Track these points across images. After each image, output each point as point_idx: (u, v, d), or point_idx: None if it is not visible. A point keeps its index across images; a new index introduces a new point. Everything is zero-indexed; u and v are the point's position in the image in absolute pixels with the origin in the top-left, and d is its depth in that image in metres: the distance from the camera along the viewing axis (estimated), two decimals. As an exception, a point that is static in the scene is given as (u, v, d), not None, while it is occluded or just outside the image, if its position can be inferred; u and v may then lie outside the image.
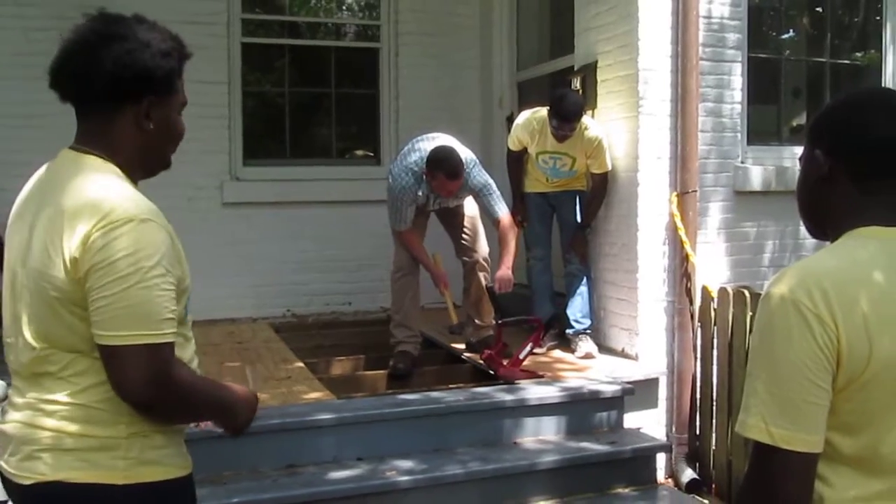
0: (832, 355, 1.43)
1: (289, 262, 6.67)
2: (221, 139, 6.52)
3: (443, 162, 4.67)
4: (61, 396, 1.72)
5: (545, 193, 5.34)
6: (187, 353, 1.85)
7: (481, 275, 5.17)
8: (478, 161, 5.00)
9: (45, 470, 1.72)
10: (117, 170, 1.80)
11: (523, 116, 5.21)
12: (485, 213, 5.03)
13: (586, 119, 5.02)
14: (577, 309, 5.12)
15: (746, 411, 1.49)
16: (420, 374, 5.01)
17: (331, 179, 6.77)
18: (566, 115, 4.84)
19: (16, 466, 1.76)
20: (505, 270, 4.88)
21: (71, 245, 1.67)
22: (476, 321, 5.26)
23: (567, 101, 4.89)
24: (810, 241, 5.48)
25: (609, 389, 4.42)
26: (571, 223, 5.25)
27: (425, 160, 4.76)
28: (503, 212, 4.98)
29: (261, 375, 4.74)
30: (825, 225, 1.62)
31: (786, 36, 5.98)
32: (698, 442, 5.04)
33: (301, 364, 5.03)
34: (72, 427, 1.71)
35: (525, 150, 5.26)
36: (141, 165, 1.88)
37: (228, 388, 1.96)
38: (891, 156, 1.54)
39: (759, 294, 4.51)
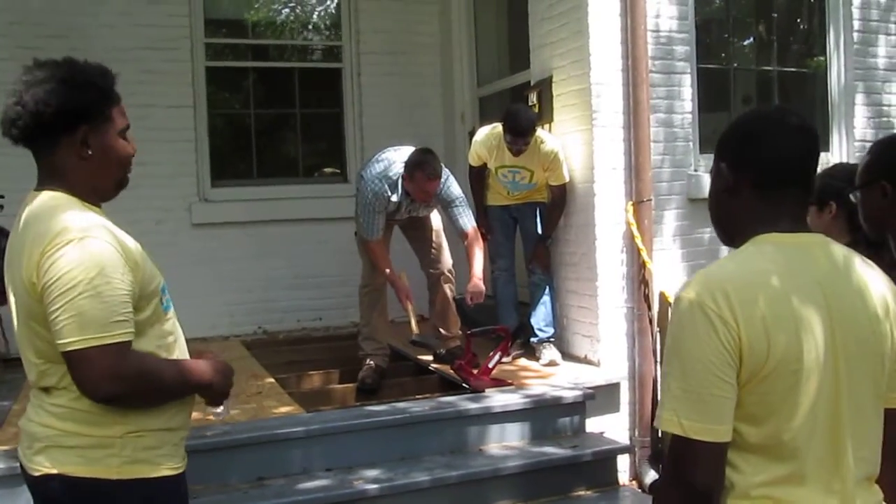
0: (735, 352, 1.58)
1: (259, 280, 6.76)
2: (189, 162, 6.62)
3: (423, 162, 4.76)
4: (63, 401, 1.95)
5: (507, 206, 5.49)
6: (173, 346, 2.11)
7: (446, 286, 5.29)
8: (450, 173, 5.14)
9: (48, 464, 1.96)
10: (70, 198, 1.99)
11: (482, 133, 5.37)
12: (453, 225, 5.12)
13: (542, 133, 5.19)
14: (540, 318, 5.26)
15: (661, 407, 1.63)
16: (388, 386, 5.12)
17: (298, 198, 6.89)
18: (519, 131, 4.99)
19: (28, 459, 2.01)
20: (477, 282, 4.99)
21: (29, 271, 1.89)
22: (443, 332, 5.38)
23: (519, 116, 5.04)
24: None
25: (571, 395, 4.55)
26: (533, 234, 5.39)
27: (403, 163, 4.84)
28: (472, 224, 5.12)
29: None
30: (733, 232, 1.78)
31: (734, 46, 6.17)
32: (660, 444, 5.19)
33: (272, 379, 5.13)
34: (72, 427, 1.95)
35: (485, 165, 5.41)
36: (94, 191, 2.06)
37: (195, 363, 2.15)
38: (784, 169, 1.70)
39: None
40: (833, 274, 1.67)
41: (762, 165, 1.70)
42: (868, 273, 1.72)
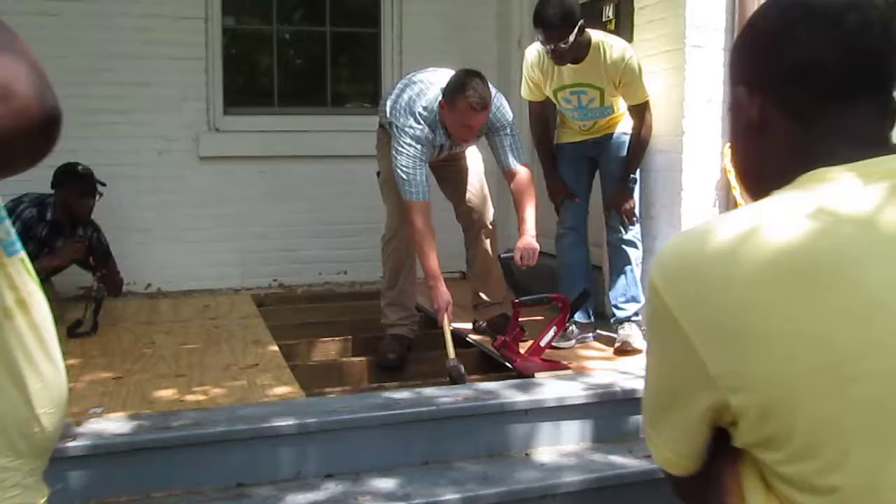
0: None
1: (276, 226, 5.85)
2: (198, 84, 5.68)
3: (467, 85, 3.71)
4: None
5: (581, 143, 4.29)
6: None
7: (488, 242, 4.29)
8: (499, 92, 4.07)
9: None
10: None
11: (531, 50, 4.18)
12: (497, 159, 4.06)
13: (604, 35, 4.02)
14: (619, 291, 4.16)
15: None
16: (415, 360, 4.18)
17: (325, 130, 5.92)
18: (548, 21, 3.75)
19: None
20: (528, 239, 3.94)
21: None
22: (484, 296, 4.40)
23: (548, 2, 3.78)
24: None
25: (646, 387, 3.54)
26: (613, 174, 4.18)
27: (443, 89, 3.83)
28: (522, 161, 4.05)
29: (221, 362, 3.93)
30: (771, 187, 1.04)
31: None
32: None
33: (275, 347, 4.21)
34: None
35: (547, 102, 4.27)
36: None
37: None
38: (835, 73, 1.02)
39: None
40: None
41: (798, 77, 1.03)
42: None
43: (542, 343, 3.75)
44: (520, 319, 3.87)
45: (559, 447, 3.37)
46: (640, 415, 3.56)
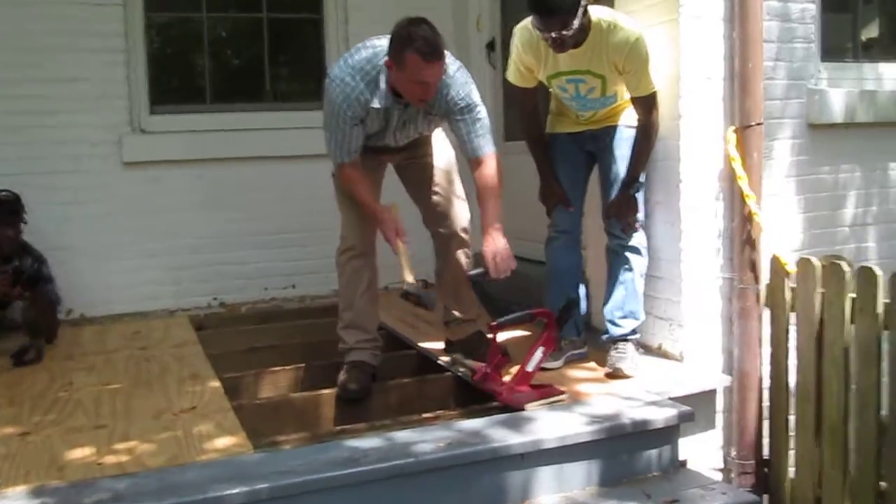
0: None
1: (214, 237, 5.21)
2: (118, 81, 5.01)
3: (414, 34, 3.11)
4: None
5: (577, 134, 3.69)
6: None
7: (461, 253, 3.71)
8: (462, 66, 3.47)
9: None
10: None
11: (521, 30, 3.54)
12: (462, 148, 3.45)
13: (610, 13, 3.43)
14: (616, 304, 3.61)
15: None
16: (381, 390, 3.58)
17: (265, 129, 5.30)
18: (548, 5, 3.18)
19: None
20: (496, 237, 3.31)
21: None
22: (456, 313, 3.83)
23: None
24: (898, 190, 4.10)
25: (660, 416, 3.00)
26: (616, 176, 3.58)
27: (384, 49, 3.24)
28: (489, 149, 3.42)
29: (152, 405, 3.30)
30: None
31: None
32: (767, 469, 3.69)
33: (216, 383, 3.59)
34: None
35: (538, 86, 3.65)
36: None
37: None
38: None
39: (864, 268, 3.13)
40: None
41: None
42: None
43: (530, 368, 3.18)
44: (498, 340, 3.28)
45: (564, 494, 2.81)
46: (656, 448, 3.05)
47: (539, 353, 3.17)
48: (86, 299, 4.94)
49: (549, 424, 2.91)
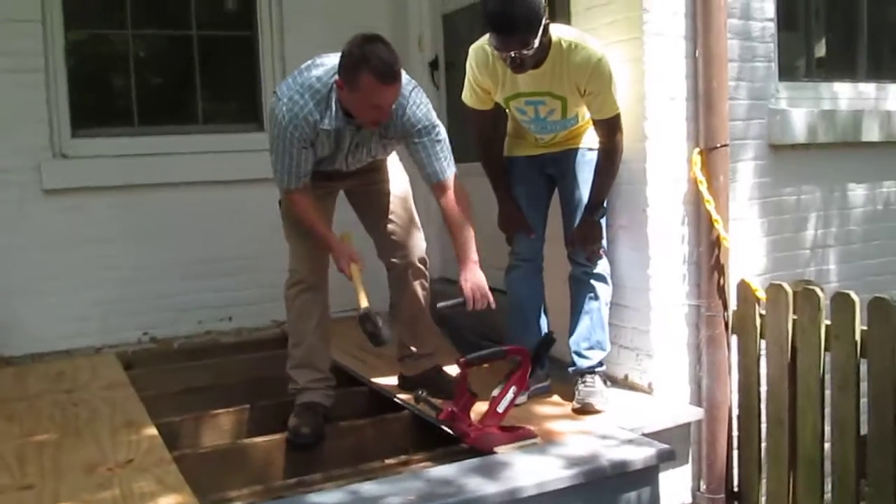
0: None
1: (143, 268, 4.88)
2: (37, 101, 4.67)
3: (369, 55, 2.89)
4: None
5: (537, 157, 3.51)
6: None
7: (417, 284, 3.50)
8: (418, 86, 3.27)
9: None
10: None
11: (477, 50, 3.33)
12: (423, 173, 3.24)
13: (570, 32, 3.26)
14: (582, 335, 3.43)
15: None
16: (336, 434, 3.33)
17: (197, 153, 5.00)
18: (507, 23, 2.97)
19: None
20: (474, 271, 3.13)
21: None
22: (412, 348, 3.61)
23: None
24: (858, 211, 4.05)
25: (639, 456, 2.83)
26: (579, 200, 3.41)
27: (338, 63, 3.02)
28: (451, 172, 3.23)
29: (84, 459, 2.99)
30: None
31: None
32: (737, 502, 3.56)
33: (153, 431, 3.28)
34: None
35: (497, 109, 3.44)
36: None
37: None
38: None
39: (839, 293, 3.02)
40: None
41: None
42: None
43: (500, 409, 2.98)
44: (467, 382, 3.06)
45: (544, 548, 2.61)
46: (635, 490, 2.87)
47: (511, 394, 2.97)
48: (2, 338, 4.56)
49: (524, 470, 2.71)
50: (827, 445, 3.18)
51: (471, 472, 2.70)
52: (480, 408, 3.08)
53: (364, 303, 3.11)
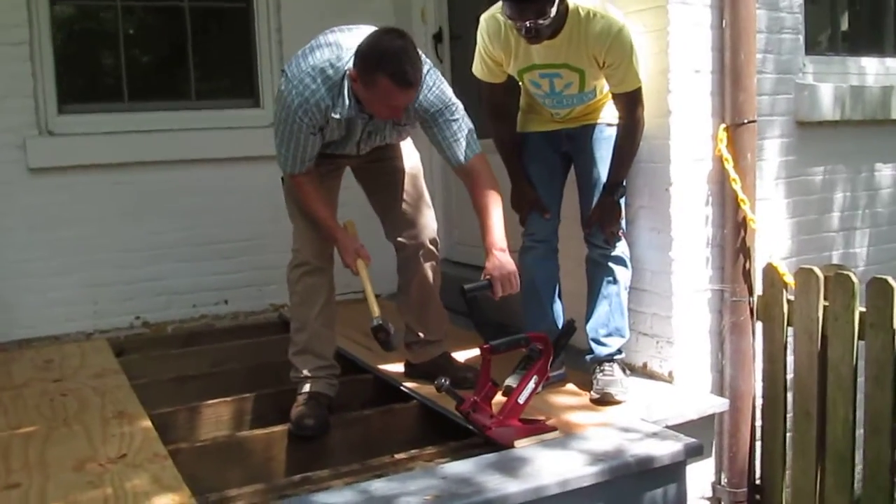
0: None
1: (135, 250, 4.68)
2: (22, 77, 4.43)
3: (390, 56, 2.70)
4: None
5: (553, 133, 3.30)
6: None
7: (428, 266, 3.31)
8: (433, 66, 3.06)
9: None
10: None
11: (489, 19, 3.13)
12: (446, 156, 3.05)
13: (590, 1, 3.01)
14: (600, 321, 3.24)
15: None
16: (341, 424, 3.15)
17: (190, 129, 4.77)
18: None
19: None
20: (500, 257, 2.92)
21: None
22: (420, 334, 3.42)
23: None
24: (885, 192, 3.87)
25: (666, 451, 2.66)
26: (596, 179, 3.22)
27: (354, 53, 2.81)
28: (472, 152, 3.03)
29: (73, 454, 2.80)
30: None
31: None
32: (759, 496, 3.40)
33: (147, 423, 3.10)
34: None
35: (509, 81, 3.25)
36: None
37: None
38: None
39: (876, 279, 2.86)
40: None
41: None
42: None
43: (521, 400, 2.79)
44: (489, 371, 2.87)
45: (568, 551, 2.44)
46: (661, 487, 2.70)
47: (532, 384, 2.78)
48: (-12, 323, 4.37)
49: (546, 466, 2.54)
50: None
51: (490, 469, 2.53)
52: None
53: (376, 311, 2.97)
